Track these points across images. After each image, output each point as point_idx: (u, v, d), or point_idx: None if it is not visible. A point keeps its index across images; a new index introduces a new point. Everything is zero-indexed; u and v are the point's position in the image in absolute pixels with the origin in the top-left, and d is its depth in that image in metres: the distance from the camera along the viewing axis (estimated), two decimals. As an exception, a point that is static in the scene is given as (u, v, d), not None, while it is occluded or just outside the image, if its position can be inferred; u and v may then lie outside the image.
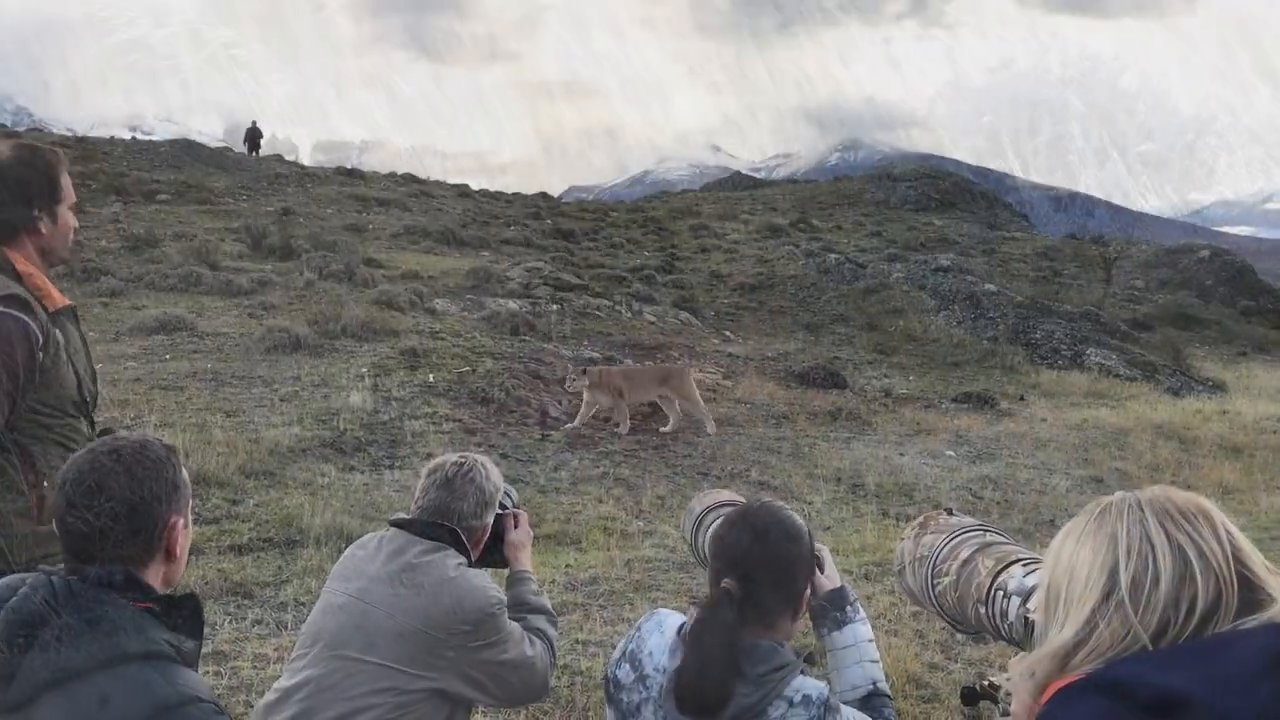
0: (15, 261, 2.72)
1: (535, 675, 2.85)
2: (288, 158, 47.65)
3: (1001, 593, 2.01)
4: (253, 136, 42.29)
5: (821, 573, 2.50)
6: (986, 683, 2.21)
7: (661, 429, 11.40)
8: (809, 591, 2.27)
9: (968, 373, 20.09)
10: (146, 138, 46.81)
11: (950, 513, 2.61)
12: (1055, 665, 1.32)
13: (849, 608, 2.46)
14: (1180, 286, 32.13)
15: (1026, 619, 1.83)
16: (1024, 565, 2.04)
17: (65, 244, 2.90)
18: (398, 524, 2.87)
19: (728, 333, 21.18)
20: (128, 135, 47.59)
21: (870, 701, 2.38)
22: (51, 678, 1.64)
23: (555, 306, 19.45)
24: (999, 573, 2.07)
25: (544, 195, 46.73)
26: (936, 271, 27.23)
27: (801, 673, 2.10)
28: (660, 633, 2.23)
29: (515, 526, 3.12)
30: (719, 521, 2.27)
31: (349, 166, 44.09)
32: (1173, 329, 27.75)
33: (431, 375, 12.40)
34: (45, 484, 2.70)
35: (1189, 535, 1.30)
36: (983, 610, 2.09)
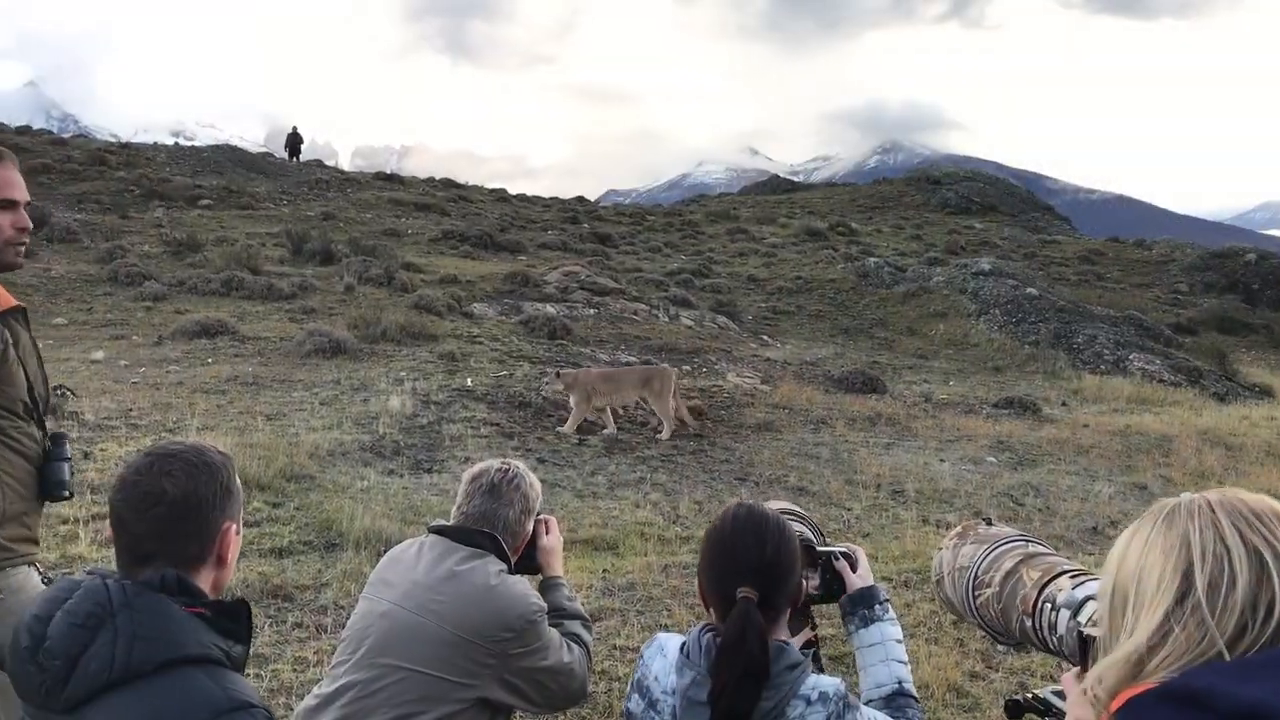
0: None
1: (574, 681, 2.86)
2: (328, 163, 48.16)
3: (1049, 605, 1.97)
4: (293, 142, 42.72)
5: (854, 571, 2.53)
6: (1030, 695, 2.17)
7: (658, 437, 11.22)
8: (804, 585, 2.28)
9: (1009, 378, 19.88)
10: (189, 143, 47.45)
11: (989, 522, 2.57)
12: (1127, 672, 1.27)
13: (878, 606, 2.47)
14: (1226, 290, 31.60)
15: (1080, 633, 1.80)
16: (1071, 577, 2.01)
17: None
18: (438, 530, 2.88)
19: (766, 337, 21.10)
20: (170, 141, 48.25)
21: (894, 701, 2.38)
22: (108, 680, 1.66)
23: (592, 311, 19.47)
24: (1045, 585, 2.03)
25: (581, 199, 46.89)
26: (977, 275, 26.96)
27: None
28: (663, 655, 2.23)
29: (547, 532, 3.12)
30: (709, 532, 2.23)
31: (388, 171, 44.45)
32: (1218, 333, 27.29)
33: (470, 379, 12.45)
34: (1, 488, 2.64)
35: (1263, 536, 1.26)
36: (1029, 623, 2.05)
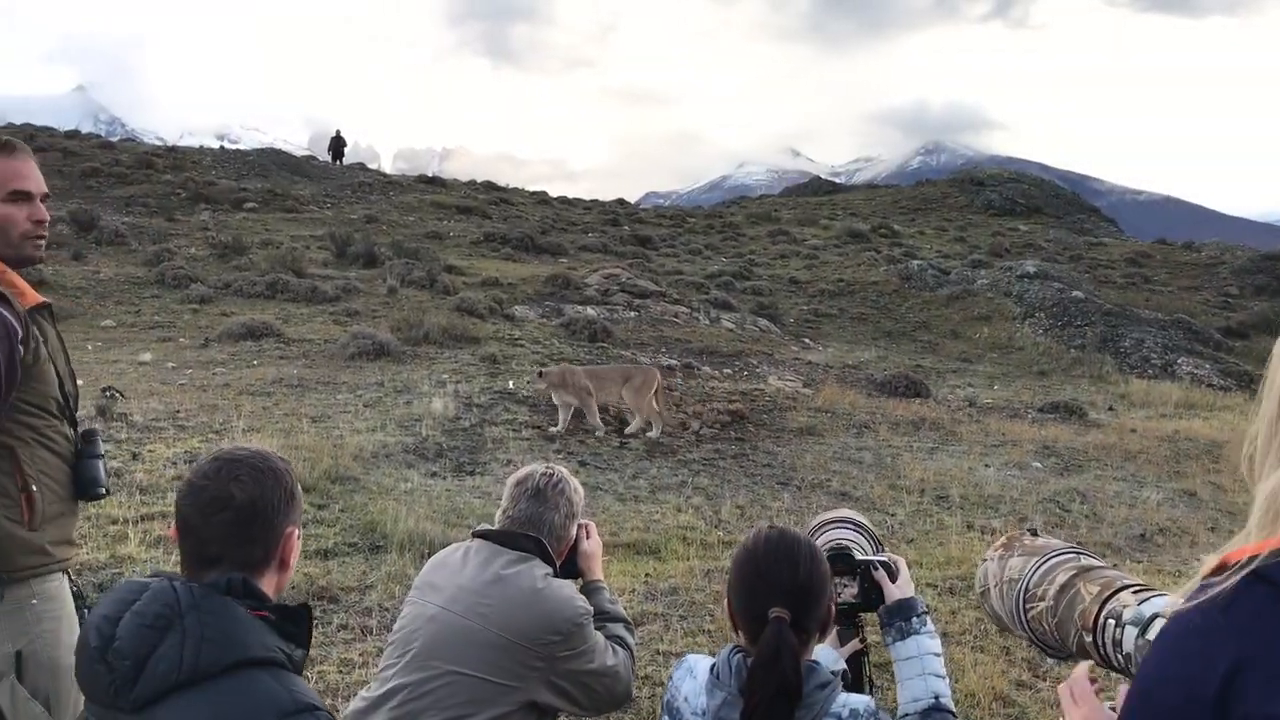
0: None
1: (619, 683, 2.87)
2: (370, 166, 48.56)
3: (1113, 621, 1.93)
4: (337, 145, 43.08)
5: (893, 581, 2.51)
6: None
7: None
8: (832, 609, 2.27)
9: (1054, 382, 19.66)
10: (234, 146, 48.00)
11: (1034, 533, 2.53)
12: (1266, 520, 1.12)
13: (915, 619, 2.46)
14: (1278, 293, 31.03)
15: None
16: (1134, 592, 1.96)
17: (5, 237, 2.66)
18: (483, 535, 2.88)
19: (807, 340, 21.01)
20: (215, 144, 48.89)
21: (930, 716, 2.37)
22: (175, 681, 1.68)
23: (633, 313, 19.48)
24: (1106, 600, 1.99)
25: (621, 201, 46.95)
26: (1022, 278, 26.69)
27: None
28: (692, 677, 2.24)
29: (588, 537, 3.13)
30: (739, 553, 2.22)
31: (429, 174, 44.75)
32: (1269, 337, 26.76)
33: (511, 382, 12.49)
34: (34, 487, 2.61)
35: None
36: (1089, 639, 2.01)
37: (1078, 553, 2.30)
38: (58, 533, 2.67)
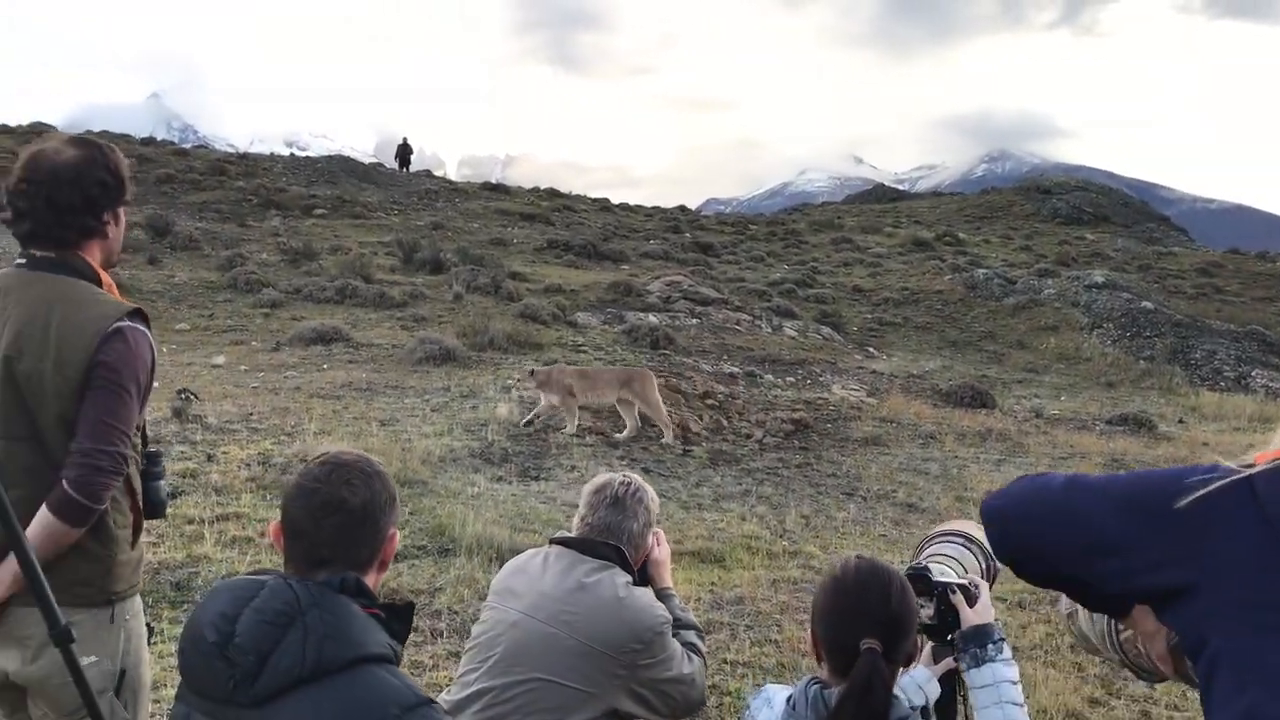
0: (100, 271, 2.59)
1: (694, 690, 2.89)
2: (436, 173, 49.10)
3: None
4: (403, 152, 43.60)
5: (971, 606, 2.46)
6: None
7: (617, 434, 10.99)
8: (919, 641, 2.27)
9: (1123, 394, 19.33)
10: (303, 153, 48.81)
11: None
12: None
13: (991, 645, 2.40)
14: (1359, 304, 30.17)
15: None
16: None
17: (121, 243, 2.72)
18: (562, 542, 2.91)
19: (871, 349, 20.86)
20: (285, 151, 49.73)
21: None
22: (299, 676, 1.72)
23: (694, 320, 19.48)
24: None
25: (683, 208, 46.95)
26: (1090, 288, 26.28)
27: None
28: (769, 707, 2.24)
29: (657, 544, 3.14)
30: (827, 582, 2.21)
31: (493, 181, 45.11)
32: (1349, 350, 26.06)
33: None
34: (140, 506, 2.65)
35: None
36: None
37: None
38: (139, 552, 2.70)
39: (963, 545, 2.78)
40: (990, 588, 2.78)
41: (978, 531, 2.82)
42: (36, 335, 2.43)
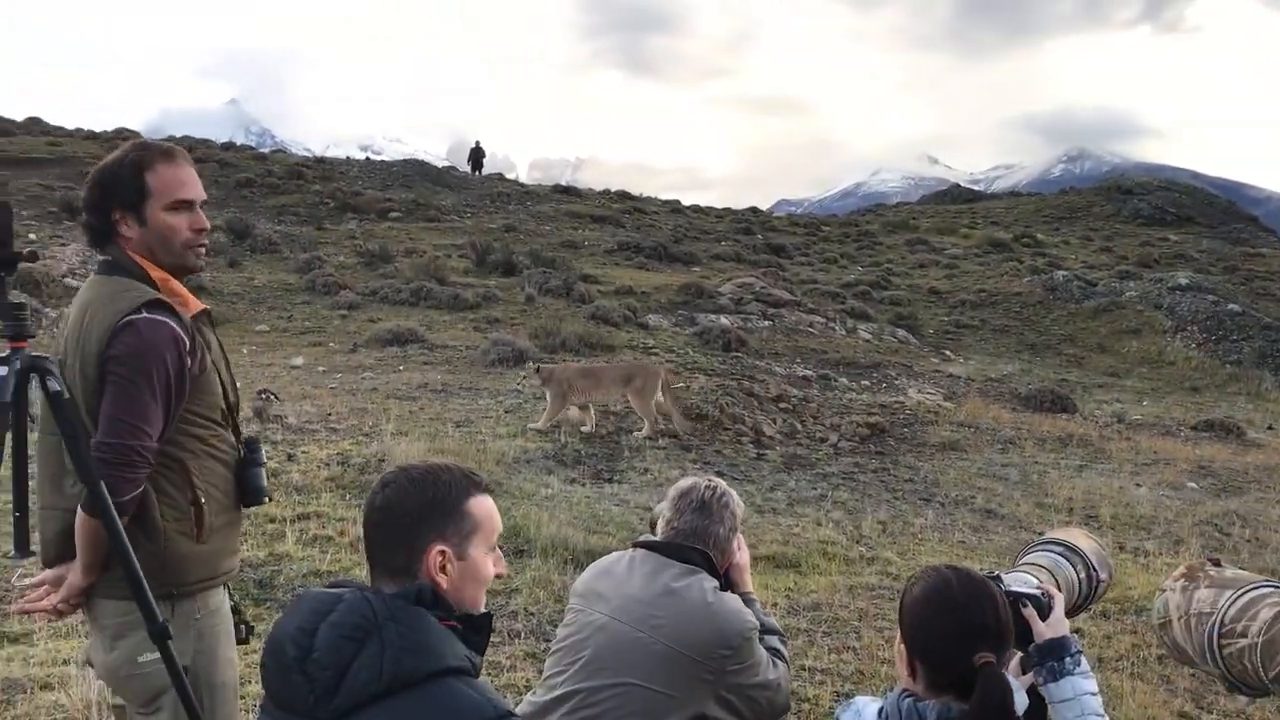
0: (147, 268, 2.58)
1: (779, 695, 2.88)
2: (508, 176, 49.51)
3: None
4: (476, 156, 43.98)
5: (1044, 619, 2.38)
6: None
7: (636, 432, 10.76)
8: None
9: (1208, 398, 18.83)
10: (377, 157, 49.52)
11: (1217, 563, 2.40)
12: None
13: (1068, 659, 2.33)
14: None
15: None
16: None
17: (168, 246, 2.62)
18: (647, 545, 2.89)
19: (948, 352, 20.56)
20: (360, 155, 50.51)
21: None
22: (376, 690, 1.71)
23: (767, 323, 19.37)
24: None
25: (754, 210, 46.76)
26: (1174, 290, 25.64)
27: None
28: (859, 719, 2.21)
29: (739, 550, 3.10)
30: (923, 593, 2.16)
31: (563, 183, 45.37)
32: None
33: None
34: (202, 499, 2.59)
35: None
36: None
37: (1276, 586, 2.18)
38: (222, 543, 2.67)
39: (1060, 554, 2.69)
40: (1095, 601, 2.68)
41: (1084, 540, 2.73)
42: (73, 336, 2.49)
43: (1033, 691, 2.53)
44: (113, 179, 2.57)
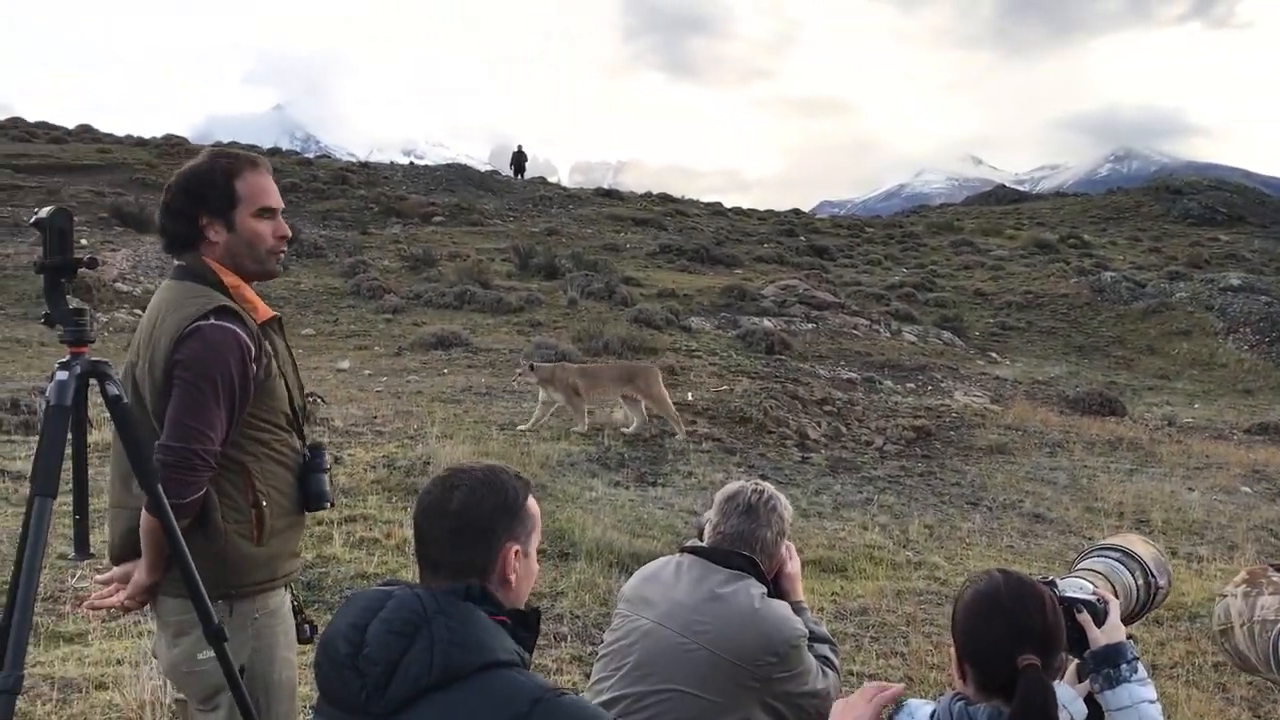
0: (221, 275, 2.63)
1: (828, 705, 2.82)
2: (549, 179, 49.70)
3: None
4: (518, 160, 44.20)
5: (1099, 625, 2.33)
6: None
7: (623, 429, 10.68)
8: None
9: (1262, 401, 18.49)
10: (420, 161, 49.91)
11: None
12: None
13: (1125, 665, 2.28)
14: None
15: None
16: None
17: (254, 253, 2.68)
18: (694, 551, 2.87)
19: (993, 354, 20.35)
20: (403, 159, 50.93)
21: None
22: (427, 684, 1.73)
23: (810, 325, 19.29)
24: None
25: (796, 211, 46.57)
26: (1225, 291, 25.22)
27: None
28: None
29: (790, 558, 3.08)
30: (973, 597, 2.14)
31: (605, 186, 45.45)
32: None
33: (690, 393, 12.51)
34: (264, 502, 2.62)
35: None
36: None
37: (1342, 592, 2.12)
38: (283, 546, 2.70)
39: (1117, 560, 2.64)
40: (1153, 608, 2.64)
41: (1142, 546, 2.68)
42: (143, 340, 2.54)
43: (1090, 700, 2.49)
44: (202, 186, 2.62)
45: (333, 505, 2.95)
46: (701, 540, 3.02)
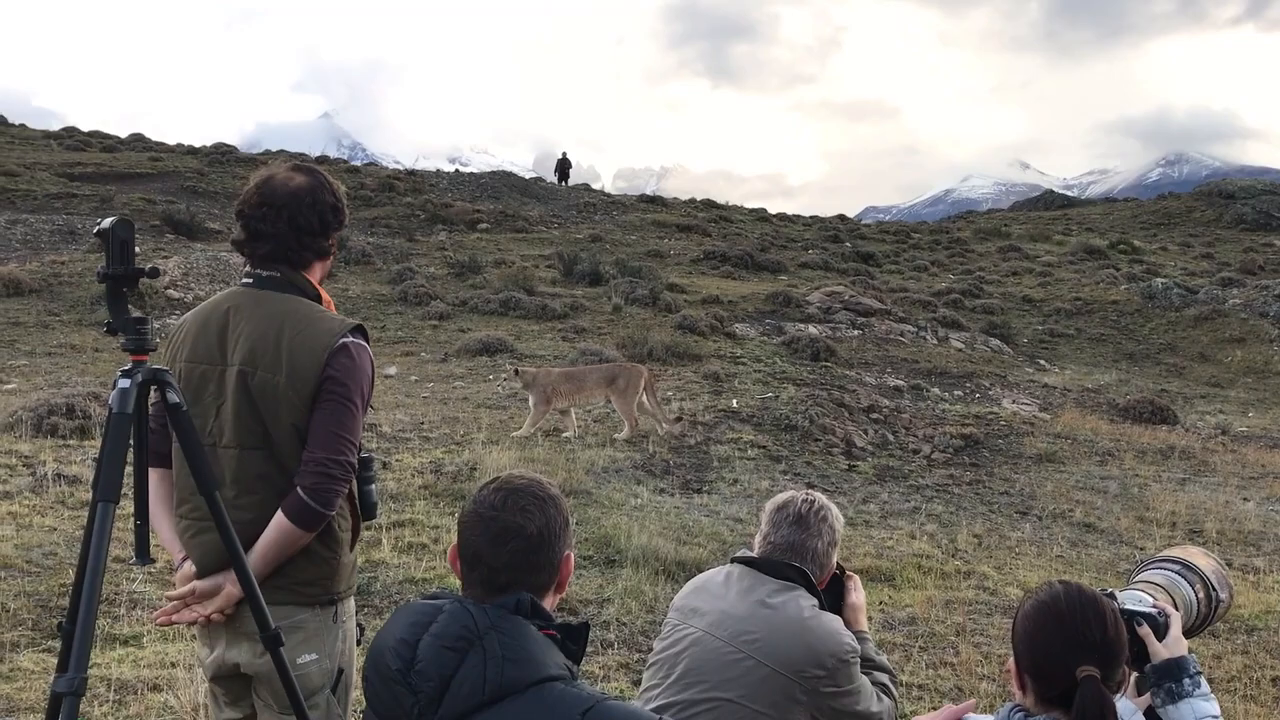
0: (321, 290, 2.72)
1: None
2: (593, 186, 49.83)
3: None
4: (563, 167, 44.39)
5: (1160, 638, 2.31)
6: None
7: (615, 435, 10.60)
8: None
9: (1319, 410, 18.06)
10: (465, 169, 50.23)
11: None
12: None
13: (1188, 680, 2.25)
14: None
15: None
16: None
17: (328, 268, 2.85)
18: (745, 561, 2.86)
19: (1042, 362, 20.10)
20: (449, 167, 51.32)
21: None
22: (480, 700, 1.73)
23: (856, 332, 19.16)
24: None
25: (842, 217, 46.34)
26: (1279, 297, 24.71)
27: None
28: None
29: (854, 589, 3.06)
30: (1033, 608, 2.11)
31: (649, 193, 45.50)
32: None
33: (735, 400, 12.48)
34: (356, 512, 2.74)
35: None
36: None
37: None
38: (354, 555, 2.80)
39: (1177, 573, 2.60)
40: (1214, 621, 2.59)
41: (1202, 559, 2.63)
42: (269, 350, 2.54)
43: (1151, 714, 2.45)
44: (337, 207, 2.72)
45: (377, 516, 3.05)
46: (752, 551, 3.01)
